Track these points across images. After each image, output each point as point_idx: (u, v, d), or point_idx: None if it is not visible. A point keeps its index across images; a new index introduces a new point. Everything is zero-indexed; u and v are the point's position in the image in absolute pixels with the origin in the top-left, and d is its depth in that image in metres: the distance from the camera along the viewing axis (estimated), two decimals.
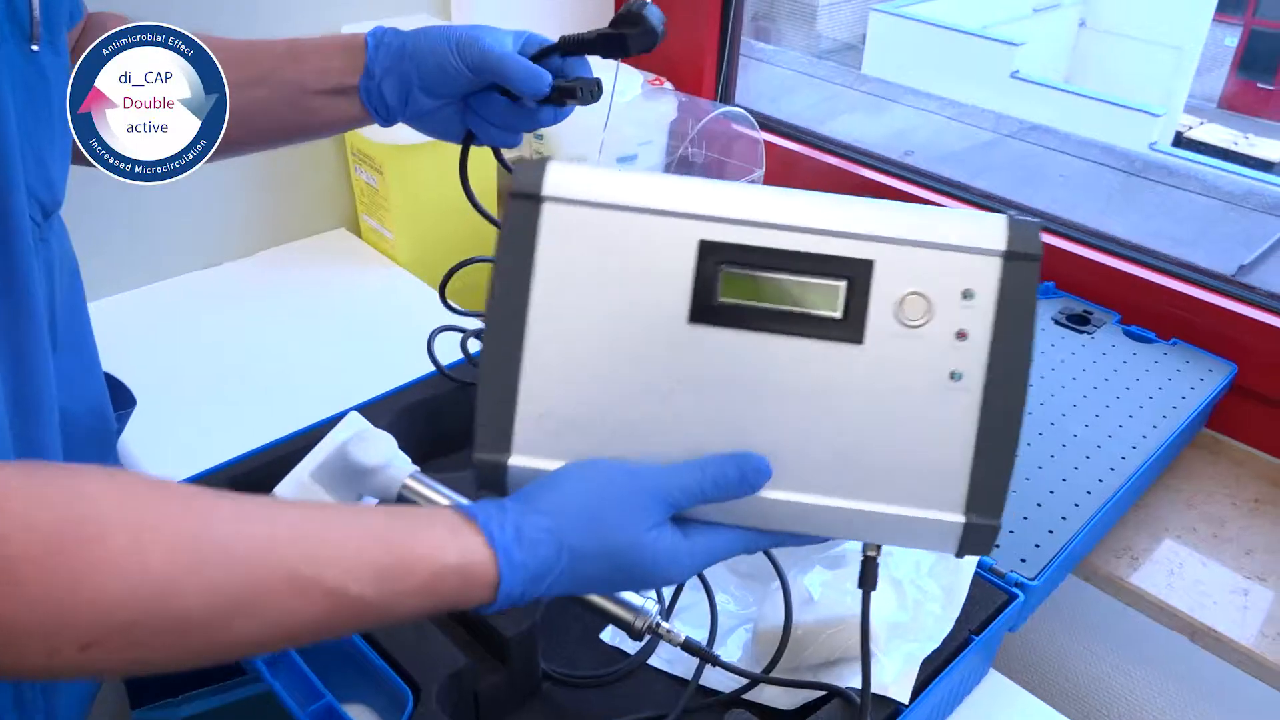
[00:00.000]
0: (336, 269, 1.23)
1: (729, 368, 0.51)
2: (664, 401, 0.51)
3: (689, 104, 1.31)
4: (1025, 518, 0.79)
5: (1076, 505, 0.80)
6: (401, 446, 0.74)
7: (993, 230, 0.50)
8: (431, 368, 0.89)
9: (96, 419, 0.68)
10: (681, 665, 0.73)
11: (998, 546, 0.76)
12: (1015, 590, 0.72)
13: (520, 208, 0.52)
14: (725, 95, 1.39)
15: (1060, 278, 1.07)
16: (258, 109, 0.68)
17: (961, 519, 0.50)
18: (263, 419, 0.94)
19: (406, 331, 1.06)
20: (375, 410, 0.86)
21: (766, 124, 1.30)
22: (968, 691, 0.73)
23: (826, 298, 0.50)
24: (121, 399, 0.72)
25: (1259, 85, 9.55)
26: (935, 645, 0.66)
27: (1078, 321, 1.02)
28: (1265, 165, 8.27)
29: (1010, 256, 0.49)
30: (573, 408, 0.52)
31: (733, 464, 0.51)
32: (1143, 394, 0.92)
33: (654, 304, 0.51)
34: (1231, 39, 9.44)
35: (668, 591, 0.77)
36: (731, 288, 0.51)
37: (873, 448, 0.51)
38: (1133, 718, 0.90)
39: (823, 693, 0.65)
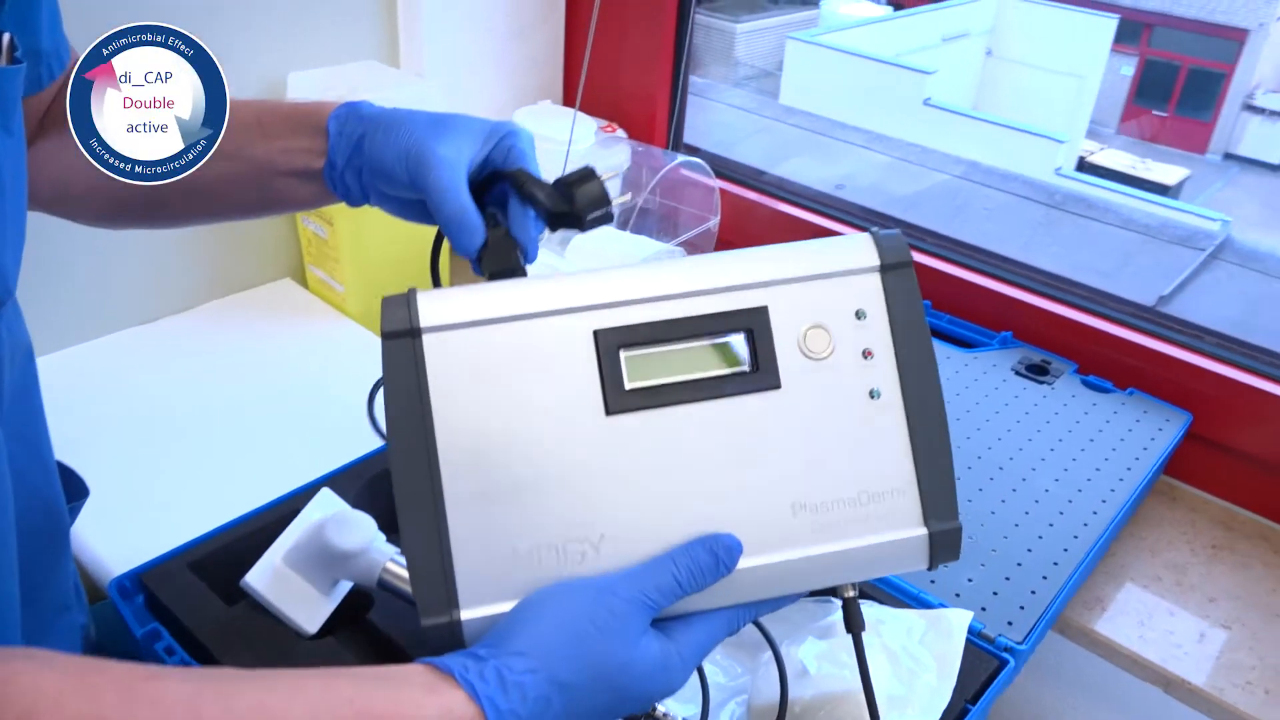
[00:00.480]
0: (284, 323, 1.18)
1: (659, 449, 0.50)
2: (605, 504, 0.50)
3: (643, 153, 1.31)
4: (1007, 578, 0.79)
5: (1055, 564, 0.81)
6: (373, 516, 0.71)
7: (863, 249, 0.53)
8: None
9: (47, 517, 0.63)
10: None
11: (984, 610, 0.76)
12: (1006, 656, 0.72)
13: (397, 348, 0.49)
14: (676, 141, 1.39)
15: (1017, 328, 1.09)
16: (228, 185, 0.64)
17: (924, 530, 0.52)
18: (220, 491, 0.90)
19: (364, 388, 1.03)
20: (343, 481, 0.82)
21: (720, 170, 1.30)
22: None
23: (732, 353, 0.51)
24: (73, 489, 0.68)
25: (1154, 112, 10.00)
26: (935, 718, 0.66)
27: (1037, 371, 1.04)
28: (1162, 189, 8.66)
29: (885, 269, 0.52)
30: (511, 540, 0.49)
31: (702, 548, 0.49)
32: (1106, 446, 0.94)
33: (565, 407, 0.50)
34: (1128, 68, 9.88)
35: None
36: (638, 370, 0.50)
37: (822, 487, 0.51)
38: None
39: None
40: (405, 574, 0.67)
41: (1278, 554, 0.95)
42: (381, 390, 0.73)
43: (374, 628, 0.73)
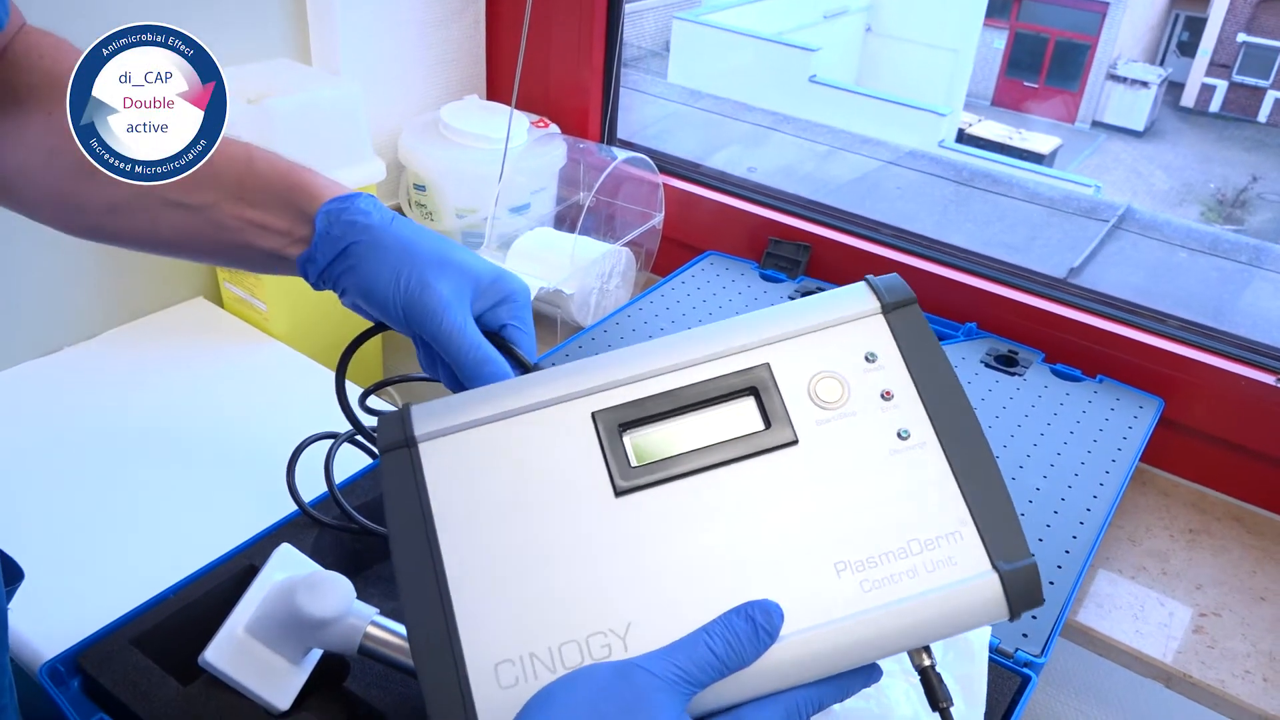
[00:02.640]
0: (202, 347, 1.07)
1: (677, 525, 0.47)
2: (625, 590, 0.46)
3: (576, 148, 1.24)
4: None
5: (1059, 567, 0.79)
6: (333, 566, 0.64)
7: (860, 296, 0.51)
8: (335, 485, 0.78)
9: None
10: None
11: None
12: (1026, 671, 0.69)
13: (395, 460, 0.48)
14: (611, 135, 1.33)
15: (981, 318, 1.07)
16: (186, 238, 0.57)
17: (992, 572, 0.46)
18: (155, 549, 0.81)
19: (298, 416, 0.93)
20: (296, 531, 0.74)
21: (663, 165, 1.24)
22: None
23: (741, 415, 0.49)
24: (8, 573, 0.59)
25: (1025, 83, 10.36)
26: None
27: (1005, 363, 1.02)
28: (1038, 157, 8.99)
29: (888, 309, 0.51)
30: (529, 642, 0.45)
31: (738, 617, 0.44)
32: (1087, 438, 0.93)
33: (572, 497, 0.47)
34: (999, 41, 10.21)
35: None
36: (643, 446, 0.48)
37: (863, 540, 0.46)
38: None
39: None
40: (391, 638, 0.60)
41: (1253, 535, 0.96)
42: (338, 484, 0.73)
43: (351, 696, 0.65)
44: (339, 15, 1.12)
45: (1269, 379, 0.96)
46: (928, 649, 0.47)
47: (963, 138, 9.05)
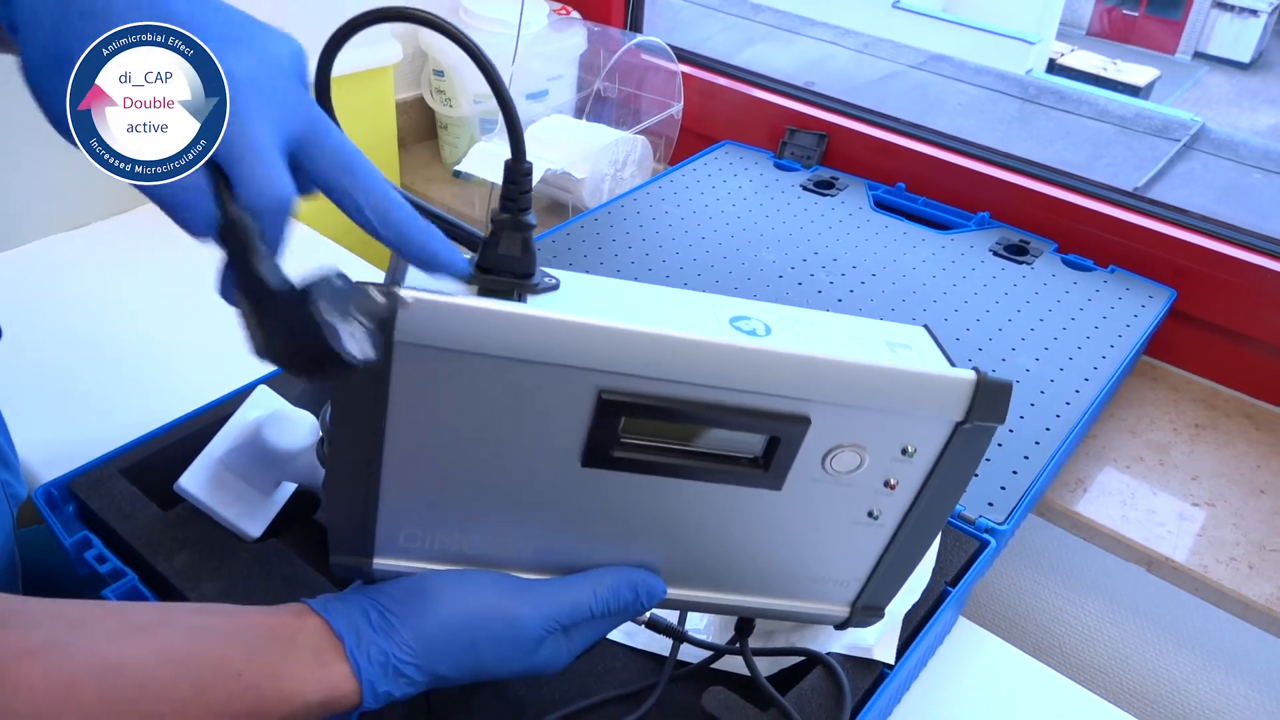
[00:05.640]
0: None
1: (624, 504, 0.47)
2: (547, 529, 0.47)
3: (600, 34, 1.23)
4: (987, 460, 0.76)
5: (1037, 443, 0.78)
6: (315, 415, 0.67)
7: (955, 395, 0.43)
8: None
9: None
10: (645, 637, 0.68)
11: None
12: (986, 537, 0.69)
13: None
14: (635, 24, 1.31)
15: (995, 208, 1.05)
16: None
17: (846, 610, 0.52)
18: (153, 396, 0.85)
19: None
20: (283, 381, 0.77)
21: (682, 55, 1.23)
22: (940, 643, 0.71)
23: (746, 444, 0.45)
24: None
25: (1124, 12, 9.87)
26: (915, 600, 0.63)
27: (1016, 252, 1.00)
28: (1133, 90, 8.59)
29: (965, 427, 0.44)
30: (442, 519, 0.47)
31: (627, 586, 0.48)
32: (1088, 324, 0.91)
33: (537, 451, 0.45)
34: None
35: None
36: (634, 436, 0.44)
37: (773, 567, 0.50)
38: (1095, 652, 0.90)
39: (801, 659, 0.62)
40: None
41: (1261, 431, 0.93)
42: None
43: (320, 527, 0.68)
44: None
45: None
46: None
47: (1054, 68, 8.69)
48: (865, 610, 0.52)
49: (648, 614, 0.61)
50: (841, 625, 0.53)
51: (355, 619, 0.45)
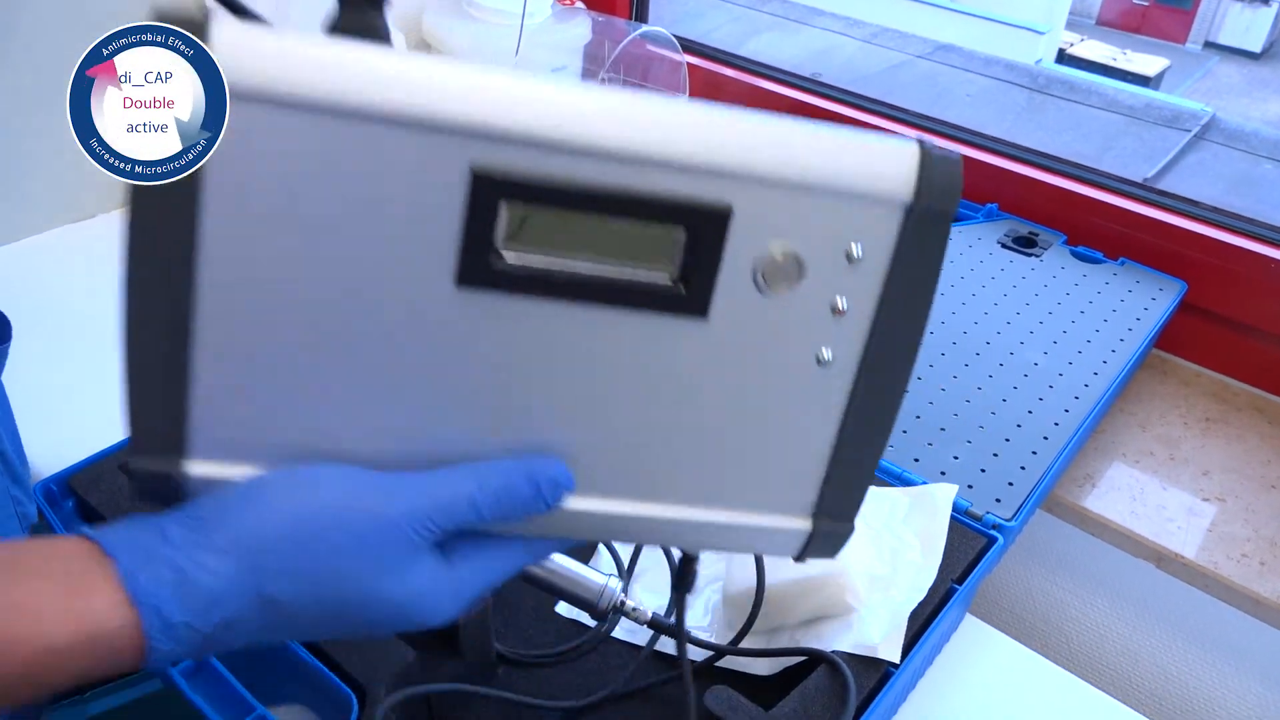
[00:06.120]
0: None
1: (514, 347, 0.36)
2: (415, 384, 0.36)
3: (604, 25, 1.22)
4: (995, 454, 0.75)
5: (1045, 438, 0.77)
6: None
7: (898, 168, 0.36)
8: None
9: None
10: (646, 634, 0.67)
11: (970, 488, 0.72)
12: (993, 533, 0.68)
13: None
14: (640, 14, 1.30)
15: (1003, 199, 1.04)
16: None
17: (807, 525, 0.41)
18: None
19: None
20: None
21: (687, 46, 1.22)
22: (947, 640, 0.70)
23: (659, 255, 0.36)
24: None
25: (1134, 1, 9.80)
26: (920, 597, 0.62)
27: (1024, 244, 0.99)
28: (1143, 80, 8.54)
29: (915, 212, 0.36)
30: (277, 387, 0.36)
31: (522, 475, 0.37)
32: (1097, 317, 0.90)
33: (398, 267, 0.35)
34: None
35: (625, 556, 0.71)
36: (521, 239, 0.35)
37: (704, 445, 0.39)
38: (1103, 649, 0.89)
39: (805, 658, 0.61)
40: None
41: (1273, 425, 0.92)
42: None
43: None
44: None
45: None
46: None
47: (1063, 58, 8.64)
48: (830, 522, 0.41)
49: (649, 613, 0.60)
50: (803, 553, 0.42)
51: (142, 536, 0.33)
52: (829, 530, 0.41)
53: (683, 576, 0.46)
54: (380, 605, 0.35)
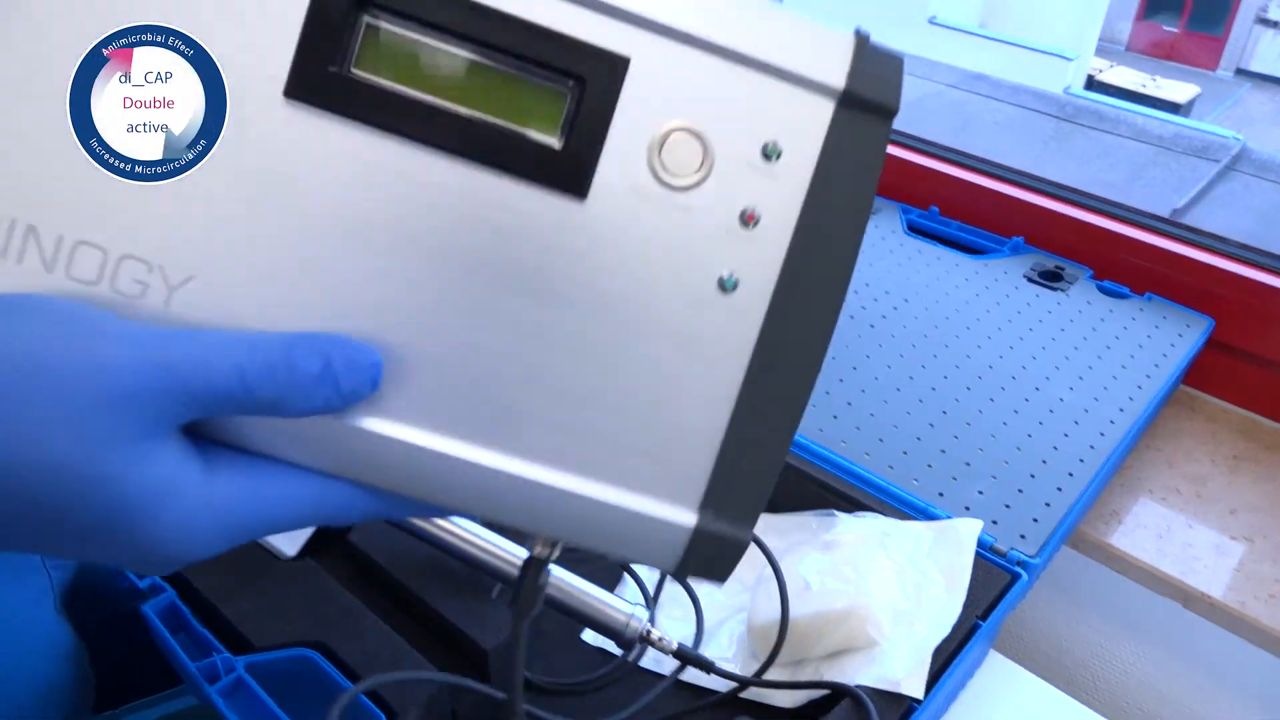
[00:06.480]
0: None
1: (340, 193, 0.29)
2: (222, 229, 0.29)
3: None
4: (1020, 491, 0.76)
5: (1071, 474, 0.77)
6: None
7: (830, 54, 0.31)
8: None
9: None
10: (673, 663, 0.68)
11: (995, 523, 0.73)
12: (1018, 570, 0.68)
13: None
14: None
15: (1029, 233, 1.04)
16: None
17: (691, 520, 0.32)
18: None
19: None
20: None
21: None
22: (971, 676, 0.70)
23: (540, 108, 0.30)
24: None
25: (1165, 27, 9.78)
26: (945, 633, 0.63)
27: (1050, 278, 0.99)
28: (1173, 107, 8.51)
29: (851, 102, 0.30)
30: (33, 207, 0.29)
31: (310, 351, 0.28)
32: (1123, 353, 0.90)
33: (223, 59, 0.29)
34: None
35: (650, 581, 0.72)
36: (376, 55, 0.29)
37: (563, 378, 0.31)
38: (1128, 688, 0.89)
39: (828, 691, 0.62)
40: None
41: None
42: None
43: (354, 548, 0.69)
44: None
45: None
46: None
47: (1092, 84, 8.62)
48: (721, 519, 0.32)
49: (674, 643, 0.61)
50: (686, 565, 0.33)
51: None
52: (719, 534, 0.32)
53: (523, 585, 0.36)
54: (98, 496, 0.26)
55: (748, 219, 0.31)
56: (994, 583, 0.67)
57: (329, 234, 0.30)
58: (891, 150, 1.14)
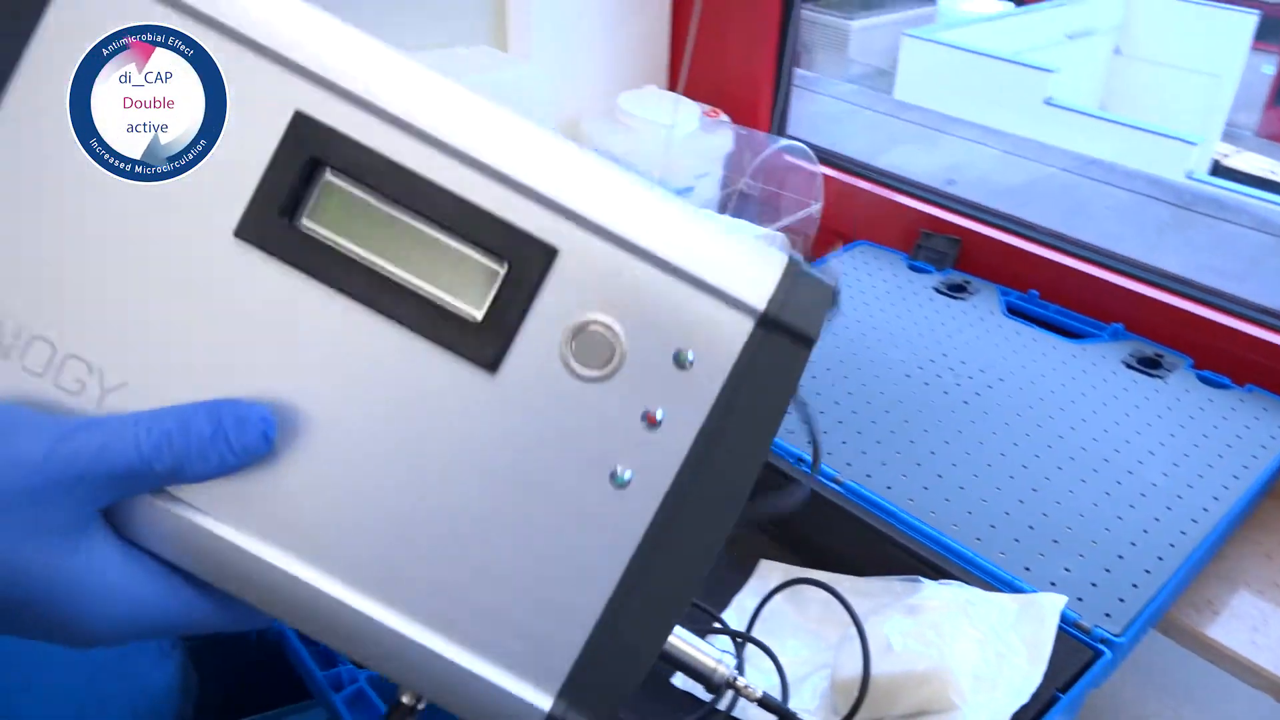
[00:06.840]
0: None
1: (272, 327, 0.32)
2: (166, 339, 0.32)
3: (746, 137, 1.31)
4: (1107, 570, 0.77)
5: (1160, 559, 0.78)
6: None
7: (757, 275, 0.32)
8: None
9: None
10: (756, 710, 0.71)
11: (1080, 600, 0.74)
12: (1101, 647, 0.70)
13: None
14: (780, 127, 1.38)
15: (1129, 320, 1.05)
16: None
17: (546, 704, 0.33)
18: None
19: None
20: None
21: (824, 157, 1.29)
22: None
23: (468, 281, 0.32)
24: None
25: None
26: (1024, 700, 0.64)
27: (1149, 365, 1.00)
28: None
29: (769, 324, 0.31)
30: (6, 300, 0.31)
31: (204, 412, 0.30)
32: (1220, 442, 0.90)
33: (186, 195, 0.32)
34: (1269, 67, 9.37)
35: (740, 625, 0.75)
36: (327, 212, 0.31)
37: (449, 545, 0.32)
38: None
39: None
40: None
41: None
42: None
43: None
44: (534, 6, 1.25)
45: None
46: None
47: (1218, 169, 8.39)
48: (576, 713, 0.33)
49: (759, 691, 0.64)
50: None
51: None
52: None
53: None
54: (24, 584, 0.28)
55: (649, 420, 0.32)
56: (1076, 658, 0.69)
57: (259, 354, 0.32)
58: (992, 233, 1.17)
